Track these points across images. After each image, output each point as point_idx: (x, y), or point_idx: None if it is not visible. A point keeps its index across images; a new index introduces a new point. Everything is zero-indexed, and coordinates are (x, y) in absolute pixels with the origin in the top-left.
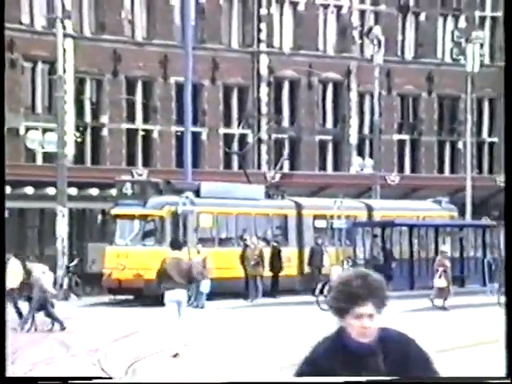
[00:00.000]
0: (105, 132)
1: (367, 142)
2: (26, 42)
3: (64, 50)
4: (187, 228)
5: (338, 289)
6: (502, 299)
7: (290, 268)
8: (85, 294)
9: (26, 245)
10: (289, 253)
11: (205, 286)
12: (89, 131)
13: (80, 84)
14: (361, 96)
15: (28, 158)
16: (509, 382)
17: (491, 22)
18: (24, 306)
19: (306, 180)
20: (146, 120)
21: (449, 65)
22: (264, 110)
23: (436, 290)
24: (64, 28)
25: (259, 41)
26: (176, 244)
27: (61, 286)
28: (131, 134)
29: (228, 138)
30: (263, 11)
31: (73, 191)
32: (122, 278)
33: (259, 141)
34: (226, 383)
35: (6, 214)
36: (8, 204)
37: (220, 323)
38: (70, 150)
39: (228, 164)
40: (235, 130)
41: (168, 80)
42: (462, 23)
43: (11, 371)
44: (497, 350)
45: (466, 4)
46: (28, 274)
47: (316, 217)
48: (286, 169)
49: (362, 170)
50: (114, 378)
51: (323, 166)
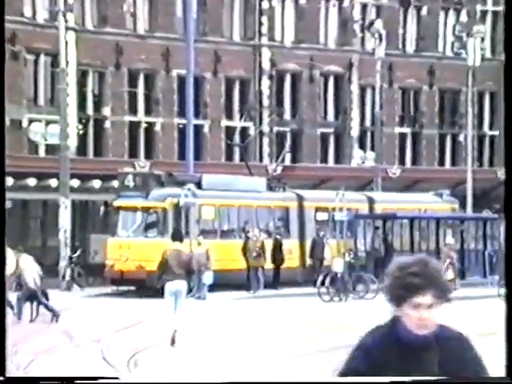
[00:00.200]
0: (107, 124)
1: (369, 135)
2: (29, 35)
3: (66, 43)
4: (189, 220)
5: (395, 275)
6: (502, 291)
7: (291, 260)
8: (87, 285)
9: (29, 236)
10: (290, 245)
11: (208, 278)
12: (91, 123)
13: (82, 76)
14: (362, 89)
15: (31, 149)
16: (509, 382)
17: (492, 16)
18: (13, 297)
19: (308, 172)
20: (148, 112)
21: (450, 58)
22: (266, 102)
23: None
24: (66, 21)
25: (261, 34)
26: (177, 235)
27: (63, 276)
28: (133, 127)
29: (230, 131)
30: (265, 4)
31: (75, 183)
32: (124, 269)
33: (261, 133)
34: (226, 383)
35: (9, 205)
36: (11, 195)
37: (222, 314)
38: (73, 142)
39: (230, 156)
40: (237, 122)
41: (170, 73)
42: (464, 17)
43: (14, 361)
44: (496, 341)
45: None
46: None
47: (318, 209)
48: (287, 161)
49: (363, 162)
50: (118, 378)
51: (325, 159)
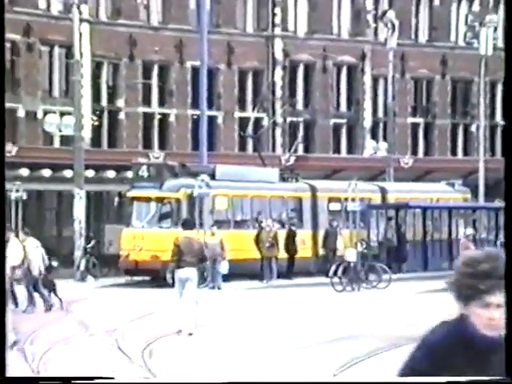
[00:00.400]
0: (121, 115)
1: (381, 125)
2: (43, 27)
3: (80, 35)
4: (203, 210)
5: (463, 271)
6: None
7: (304, 250)
8: (102, 275)
9: (44, 226)
10: (303, 235)
11: (223, 267)
12: (105, 115)
13: (96, 68)
14: (375, 79)
15: (46, 141)
16: (509, 382)
17: (505, 6)
18: (20, 288)
19: (321, 163)
20: (162, 104)
21: (462, 48)
22: (279, 93)
23: None
24: (80, 13)
25: (274, 25)
26: (188, 224)
27: (78, 267)
28: (147, 118)
29: (243, 122)
30: None
31: (90, 173)
32: (138, 259)
33: (274, 124)
34: (226, 383)
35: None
36: (26, 186)
37: (236, 303)
38: (87, 133)
39: (243, 147)
40: (250, 113)
41: (184, 64)
42: (476, 6)
43: (30, 351)
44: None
45: None
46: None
47: (330, 199)
48: (300, 152)
49: (375, 152)
50: (115, 378)
51: (337, 149)
